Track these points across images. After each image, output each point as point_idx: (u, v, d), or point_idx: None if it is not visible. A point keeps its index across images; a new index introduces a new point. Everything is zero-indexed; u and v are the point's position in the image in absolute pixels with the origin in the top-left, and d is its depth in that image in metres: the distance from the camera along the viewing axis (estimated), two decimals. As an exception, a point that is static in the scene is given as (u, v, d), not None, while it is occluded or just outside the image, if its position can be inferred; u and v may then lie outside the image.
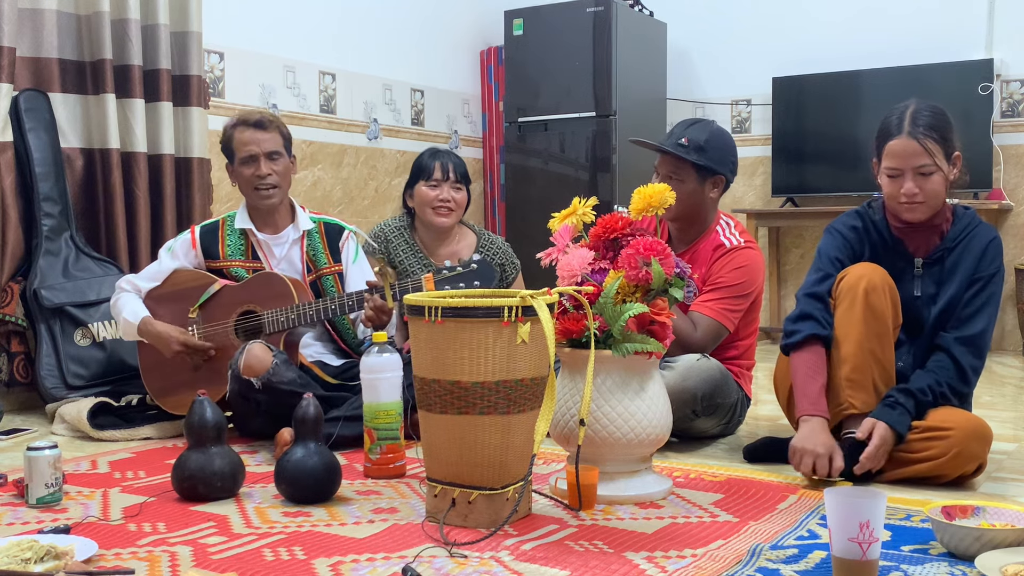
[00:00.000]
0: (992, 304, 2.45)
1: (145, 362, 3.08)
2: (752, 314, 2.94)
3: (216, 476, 2.22)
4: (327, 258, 3.08)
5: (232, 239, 3.08)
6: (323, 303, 2.84)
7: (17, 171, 3.56)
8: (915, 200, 2.39)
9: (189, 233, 3.13)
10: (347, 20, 5.20)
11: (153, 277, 3.10)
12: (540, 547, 1.87)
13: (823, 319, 2.45)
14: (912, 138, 2.36)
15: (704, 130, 2.88)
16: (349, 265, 3.11)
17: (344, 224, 3.17)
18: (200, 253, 3.09)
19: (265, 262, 3.05)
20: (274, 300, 2.89)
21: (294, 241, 3.07)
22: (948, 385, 2.38)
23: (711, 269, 2.86)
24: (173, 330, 2.97)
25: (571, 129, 5.51)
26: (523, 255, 3.54)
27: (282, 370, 2.70)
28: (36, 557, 1.70)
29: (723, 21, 5.75)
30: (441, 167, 3.34)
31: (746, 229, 2.97)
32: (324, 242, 3.10)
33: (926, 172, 2.37)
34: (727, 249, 2.88)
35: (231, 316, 2.96)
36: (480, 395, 1.94)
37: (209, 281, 3.01)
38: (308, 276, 3.04)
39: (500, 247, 3.50)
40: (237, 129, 3.03)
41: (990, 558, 1.68)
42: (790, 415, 2.70)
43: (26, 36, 3.62)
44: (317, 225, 3.12)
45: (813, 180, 5.41)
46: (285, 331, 2.87)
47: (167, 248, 3.13)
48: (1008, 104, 5.07)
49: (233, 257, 3.06)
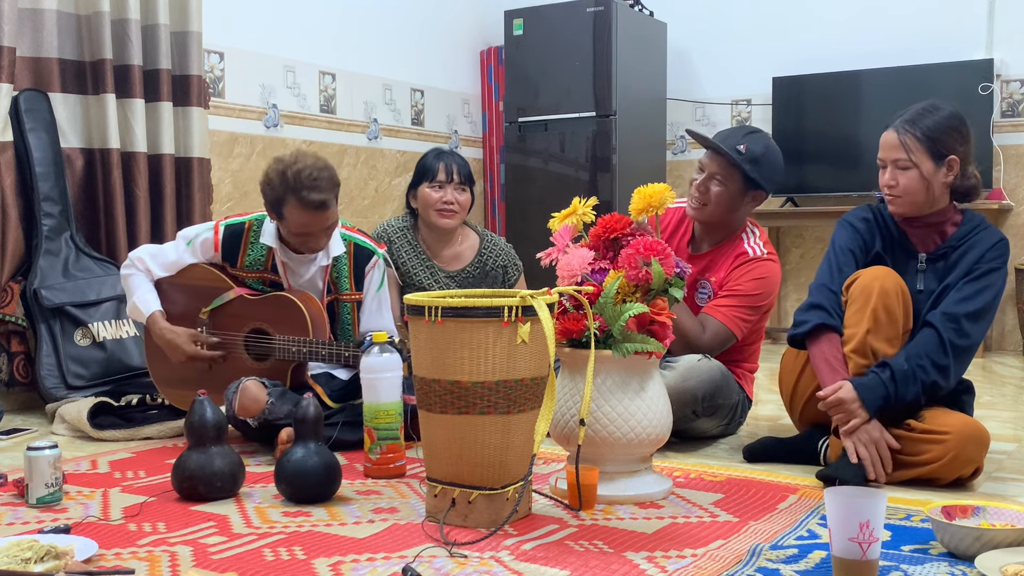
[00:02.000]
0: (985, 295, 2.42)
1: (151, 350, 3.02)
2: (760, 323, 2.93)
3: (216, 476, 2.22)
4: (350, 285, 2.97)
5: (255, 249, 2.94)
6: (336, 349, 2.77)
7: (17, 171, 3.56)
8: (893, 192, 2.45)
9: (213, 232, 2.97)
10: (347, 20, 5.20)
11: (168, 268, 2.98)
12: (540, 547, 1.87)
13: (833, 310, 2.45)
14: (894, 131, 2.44)
15: (761, 143, 2.85)
16: (371, 291, 3.00)
17: (374, 248, 3.01)
18: (220, 255, 2.97)
19: (284, 279, 2.94)
20: (289, 327, 2.83)
21: (321, 267, 2.94)
22: (928, 357, 2.33)
23: (730, 275, 2.85)
24: (182, 339, 2.88)
25: (571, 129, 5.50)
26: (523, 255, 3.54)
27: (277, 407, 2.65)
28: (36, 557, 1.70)
29: (723, 21, 5.75)
30: (445, 169, 3.32)
31: (770, 241, 2.95)
32: (351, 268, 2.97)
33: (901, 166, 2.43)
34: (749, 258, 2.86)
35: (242, 329, 2.90)
36: (480, 395, 1.94)
37: (225, 286, 2.93)
38: (327, 296, 2.95)
39: (503, 249, 3.49)
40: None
41: (990, 558, 1.68)
42: (792, 411, 2.71)
43: (26, 36, 3.62)
44: (347, 246, 2.97)
45: (813, 180, 5.41)
46: (294, 362, 2.84)
47: (187, 241, 2.98)
48: (1008, 104, 5.07)
49: (252, 268, 2.95)
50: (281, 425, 2.62)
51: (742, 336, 2.84)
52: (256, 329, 2.90)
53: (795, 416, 2.70)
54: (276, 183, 2.75)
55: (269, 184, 2.77)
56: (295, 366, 2.85)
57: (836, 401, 2.31)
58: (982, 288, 2.42)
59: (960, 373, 2.44)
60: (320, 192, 2.72)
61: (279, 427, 2.61)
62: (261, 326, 2.89)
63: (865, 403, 2.29)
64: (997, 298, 2.45)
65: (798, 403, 2.64)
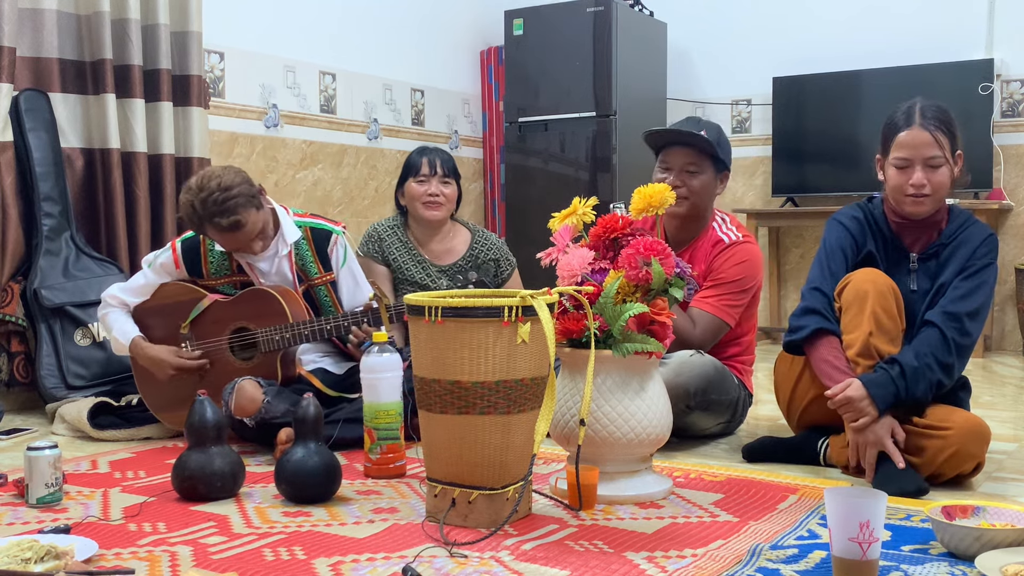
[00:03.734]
0: (982, 292, 2.42)
1: (140, 377, 3.02)
2: (751, 308, 2.94)
3: (216, 476, 2.22)
4: (317, 267, 2.98)
5: (215, 256, 2.96)
6: (319, 324, 2.80)
7: (17, 171, 3.56)
8: (922, 192, 2.39)
9: (171, 251, 2.99)
10: (347, 20, 5.20)
11: (139, 293, 3.01)
12: (540, 547, 1.87)
13: (828, 313, 2.45)
14: (924, 129, 2.38)
15: (713, 128, 2.90)
16: (339, 270, 3.01)
17: (331, 227, 3.02)
18: (184, 271, 2.99)
19: (253, 278, 2.95)
20: (267, 318, 2.84)
21: (282, 257, 2.94)
22: (933, 355, 2.32)
23: (711, 265, 2.86)
24: (165, 353, 2.90)
25: (571, 129, 5.51)
26: (523, 255, 3.54)
27: (274, 405, 2.66)
28: (36, 557, 1.70)
29: (723, 21, 5.75)
30: (428, 162, 3.38)
31: (742, 224, 2.97)
32: (313, 251, 2.98)
33: (935, 164, 2.38)
34: (726, 244, 2.88)
35: (224, 333, 2.90)
36: (480, 395, 1.94)
37: (198, 296, 2.94)
38: (300, 286, 2.96)
39: (494, 243, 3.52)
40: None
41: (990, 558, 1.68)
42: (790, 417, 2.70)
43: (26, 36, 3.62)
44: (303, 232, 2.98)
45: (813, 180, 5.41)
46: (280, 350, 2.85)
47: (149, 264, 3.01)
48: (1008, 104, 5.07)
49: (219, 275, 2.96)
50: (278, 424, 2.62)
51: (735, 323, 2.85)
52: (237, 328, 2.91)
53: (793, 422, 2.69)
54: (190, 214, 2.80)
55: (186, 215, 2.81)
56: (283, 360, 2.86)
57: (845, 399, 2.29)
58: (979, 285, 2.42)
59: (961, 371, 2.44)
60: (231, 215, 2.74)
61: (277, 426, 2.62)
62: (242, 324, 2.90)
63: (875, 400, 2.28)
64: (992, 294, 2.47)
65: (796, 408, 2.63)
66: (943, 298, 2.42)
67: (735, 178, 5.74)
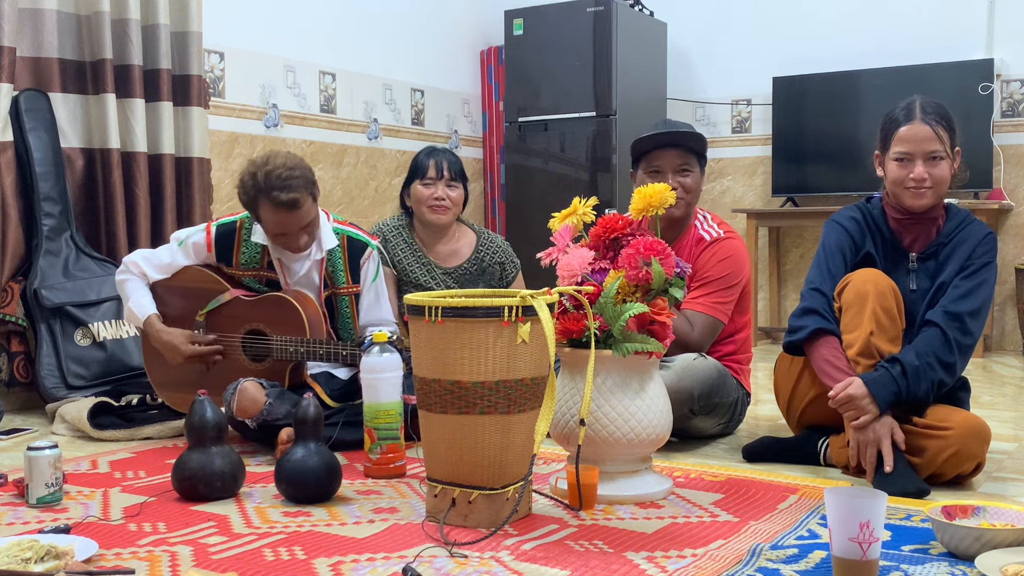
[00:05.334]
0: (982, 291, 2.42)
1: (148, 353, 3.02)
2: (743, 304, 2.94)
3: (216, 476, 2.22)
4: (346, 278, 2.96)
5: (249, 247, 2.93)
6: (334, 348, 2.77)
7: (17, 171, 3.56)
8: (923, 185, 2.41)
9: (204, 233, 2.96)
10: (347, 20, 5.20)
11: (162, 270, 2.97)
12: (540, 547, 1.87)
13: (828, 313, 2.45)
14: (925, 123, 2.40)
15: (688, 126, 2.94)
16: (367, 283, 3.00)
17: (368, 240, 3.01)
18: (214, 256, 2.96)
19: (281, 277, 2.93)
20: (285, 327, 2.83)
21: (315, 260, 2.95)
22: (934, 354, 2.33)
23: (696, 264, 2.86)
24: (179, 339, 2.88)
25: (571, 129, 5.51)
26: (523, 255, 3.54)
27: (276, 407, 2.65)
28: (36, 557, 1.70)
29: (723, 21, 5.75)
30: (436, 165, 3.33)
31: (723, 220, 2.98)
32: (346, 260, 2.96)
33: (936, 157, 2.40)
34: (709, 242, 2.88)
35: (238, 330, 2.90)
36: (480, 395, 1.94)
37: (220, 288, 2.92)
38: (324, 291, 2.95)
39: (500, 245, 3.50)
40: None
41: (990, 558, 1.68)
42: (790, 417, 2.70)
43: (26, 36, 3.62)
44: (340, 240, 2.96)
45: (813, 180, 5.41)
46: (292, 362, 2.84)
47: (179, 242, 2.97)
48: (1008, 104, 5.07)
49: (248, 267, 2.94)
50: (279, 426, 2.62)
51: (728, 320, 2.85)
52: (253, 330, 2.89)
53: (793, 422, 2.69)
54: (248, 185, 2.75)
55: (243, 187, 2.77)
56: (293, 366, 2.85)
57: (846, 398, 2.29)
58: (979, 283, 2.42)
59: (962, 370, 2.44)
60: (291, 191, 2.70)
61: (278, 428, 2.61)
62: (258, 327, 2.88)
63: (876, 398, 2.28)
64: (992, 293, 2.47)
65: (796, 408, 2.63)
66: (944, 297, 2.42)
67: (735, 178, 5.74)
